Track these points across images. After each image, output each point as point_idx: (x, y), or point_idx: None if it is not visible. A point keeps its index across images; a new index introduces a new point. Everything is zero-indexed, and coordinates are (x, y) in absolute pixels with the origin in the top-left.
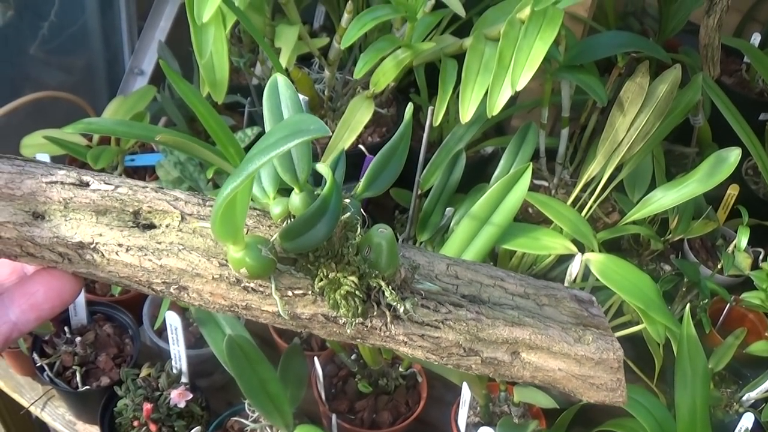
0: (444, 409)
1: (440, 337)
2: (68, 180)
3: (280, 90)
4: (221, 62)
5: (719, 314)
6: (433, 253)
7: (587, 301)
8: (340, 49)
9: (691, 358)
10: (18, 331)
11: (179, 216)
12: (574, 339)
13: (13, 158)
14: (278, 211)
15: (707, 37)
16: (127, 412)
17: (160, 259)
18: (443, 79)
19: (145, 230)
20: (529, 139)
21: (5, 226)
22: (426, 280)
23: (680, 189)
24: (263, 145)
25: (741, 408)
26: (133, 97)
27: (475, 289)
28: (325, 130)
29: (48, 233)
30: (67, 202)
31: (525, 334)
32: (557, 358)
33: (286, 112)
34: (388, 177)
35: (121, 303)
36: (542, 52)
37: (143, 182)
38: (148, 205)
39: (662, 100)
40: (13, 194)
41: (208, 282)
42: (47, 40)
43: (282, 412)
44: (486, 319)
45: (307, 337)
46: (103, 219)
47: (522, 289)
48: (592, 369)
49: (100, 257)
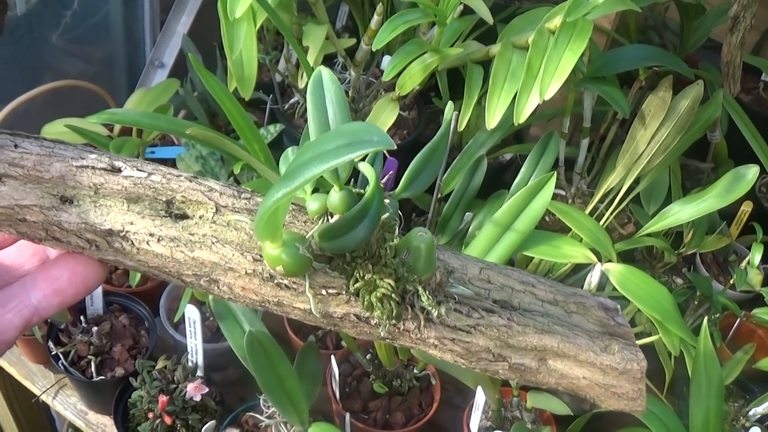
0: (456, 413)
1: (471, 342)
2: (100, 165)
3: (325, 85)
4: (250, 58)
5: (729, 329)
6: (466, 256)
7: (613, 309)
8: (367, 50)
9: (707, 371)
10: (39, 316)
11: (213, 207)
12: (601, 348)
13: (41, 139)
14: (315, 207)
15: (729, 55)
16: (142, 404)
17: (193, 251)
18: (469, 85)
19: (178, 220)
20: (551, 148)
21: (31, 210)
22: (459, 284)
23: (698, 204)
24: (319, 150)
25: (747, 422)
26: (155, 89)
27: (507, 294)
28: (390, 142)
29: (76, 219)
30: (97, 187)
31: (554, 342)
32: (583, 367)
33: (330, 109)
34: (427, 177)
35: (138, 294)
36: (572, 63)
37: (177, 170)
38: (181, 195)
39: (683, 115)
40: (41, 177)
41: (240, 276)
42: (69, 29)
43: (298, 409)
44: (517, 326)
45: (322, 336)
46: (134, 207)
47: (552, 296)
48: (616, 378)
49: (129, 245)
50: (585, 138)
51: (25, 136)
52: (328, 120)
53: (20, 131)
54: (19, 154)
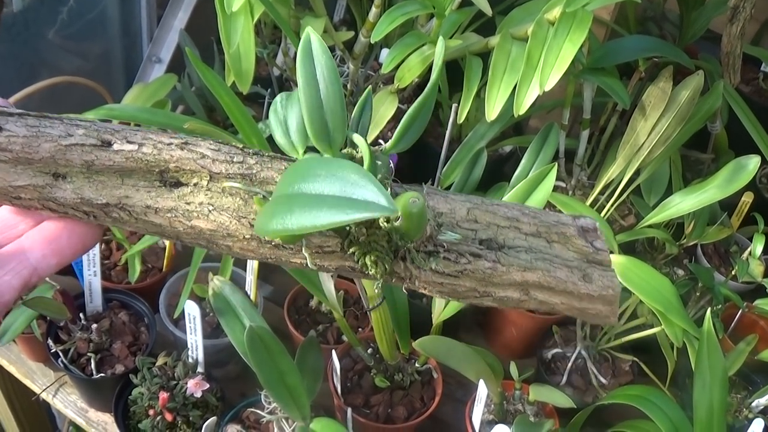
0: (457, 406)
1: (458, 284)
2: (89, 141)
3: (315, 54)
4: (248, 52)
5: (731, 320)
6: (455, 196)
7: (592, 230)
8: (365, 43)
9: (711, 363)
10: (37, 276)
11: (207, 175)
12: (579, 278)
13: (25, 115)
14: None
15: (729, 45)
16: (143, 401)
17: (190, 220)
18: (468, 77)
19: (173, 189)
20: (551, 139)
21: (25, 189)
22: (448, 230)
23: (699, 195)
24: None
25: (750, 414)
26: (153, 84)
27: (492, 232)
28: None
29: (71, 195)
30: (89, 164)
31: (535, 277)
32: (561, 295)
33: (321, 82)
34: (416, 130)
35: (137, 290)
36: (572, 54)
37: (167, 137)
38: (174, 164)
39: (684, 106)
40: (31, 158)
41: (238, 240)
42: (66, 26)
43: (300, 405)
44: (501, 267)
45: (323, 330)
46: (128, 180)
47: (535, 228)
48: (591, 302)
49: (127, 215)
50: (585, 129)
51: (8, 114)
52: (320, 95)
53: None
54: (6, 138)
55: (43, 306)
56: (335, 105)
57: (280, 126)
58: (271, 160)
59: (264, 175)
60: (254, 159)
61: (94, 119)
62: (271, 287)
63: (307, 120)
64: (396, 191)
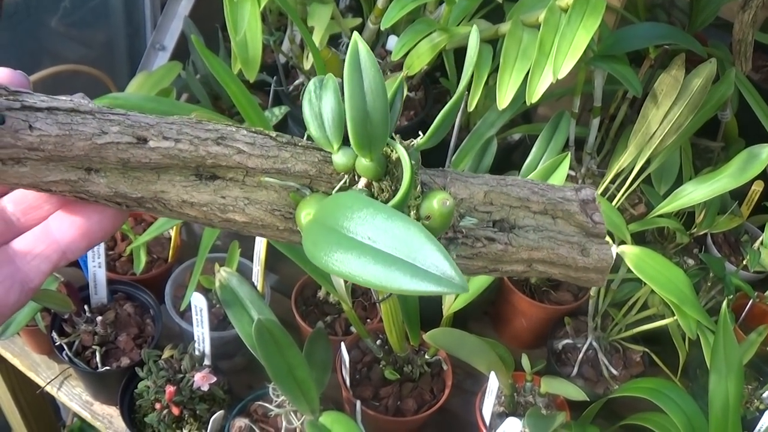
0: (468, 398)
1: (471, 264)
2: (124, 139)
3: (363, 64)
4: (255, 39)
5: (741, 310)
6: (473, 179)
7: (591, 201)
8: (374, 30)
9: (726, 353)
10: (66, 260)
11: (244, 171)
12: (578, 252)
13: (55, 111)
14: (342, 162)
15: (741, 32)
16: (149, 394)
17: (225, 213)
18: (478, 65)
19: (209, 183)
20: (562, 128)
21: (57, 183)
22: (467, 214)
23: (711, 184)
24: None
25: (762, 405)
26: (158, 72)
27: (505, 212)
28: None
29: (105, 189)
30: (125, 162)
31: (540, 254)
32: (560, 267)
33: (369, 94)
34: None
35: (143, 282)
36: (585, 41)
37: (202, 131)
38: (211, 161)
39: (696, 94)
40: (64, 156)
41: (271, 230)
42: (69, 13)
43: (309, 398)
44: (512, 248)
45: (331, 321)
46: (164, 176)
47: (543, 206)
48: (586, 273)
49: (162, 207)
50: (595, 117)
51: (36, 109)
52: (366, 107)
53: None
54: (38, 137)
55: (47, 298)
56: (380, 118)
57: (315, 119)
58: (304, 150)
59: (298, 168)
60: (288, 152)
61: (126, 112)
62: (278, 277)
63: (351, 130)
64: (422, 179)
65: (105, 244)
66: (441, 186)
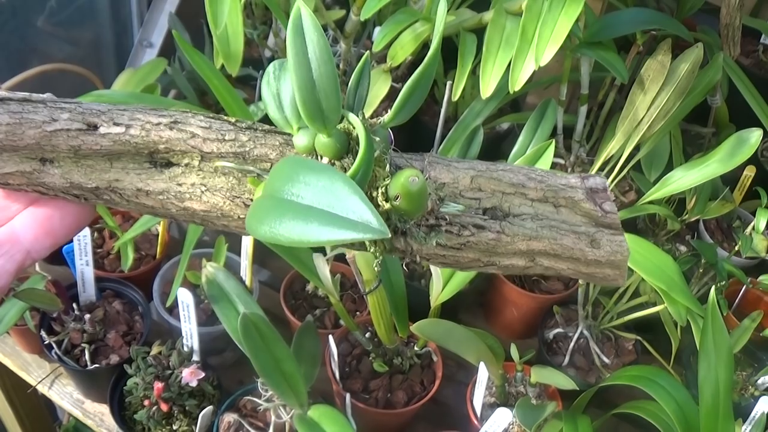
0: (459, 389)
1: (461, 255)
2: (74, 126)
3: (306, 31)
4: (236, 34)
5: (735, 296)
6: (458, 164)
7: (602, 190)
8: (357, 21)
9: (715, 341)
10: (31, 259)
11: (199, 156)
12: (586, 244)
13: (7, 100)
14: (303, 143)
15: (728, 17)
16: (138, 391)
17: (182, 202)
18: (462, 54)
19: (164, 170)
20: (548, 115)
21: (13, 176)
22: (451, 201)
23: (701, 169)
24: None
25: (756, 392)
26: (143, 69)
27: (497, 200)
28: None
29: (60, 180)
30: (76, 149)
31: (541, 245)
32: (568, 261)
33: (314, 61)
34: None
35: (131, 279)
36: (567, 27)
37: (155, 116)
38: (164, 146)
39: (683, 79)
40: (16, 145)
41: (233, 220)
42: (55, 12)
43: (297, 392)
44: (506, 237)
45: (320, 315)
46: (117, 164)
47: (542, 193)
48: (599, 267)
49: (118, 197)
50: (583, 105)
51: None
52: (312, 75)
53: None
54: None
55: (34, 297)
56: (329, 85)
57: (273, 99)
58: (264, 135)
59: (258, 152)
60: (247, 135)
61: (79, 101)
62: (268, 272)
63: (300, 101)
64: (396, 162)
65: (93, 241)
66: (419, 169)
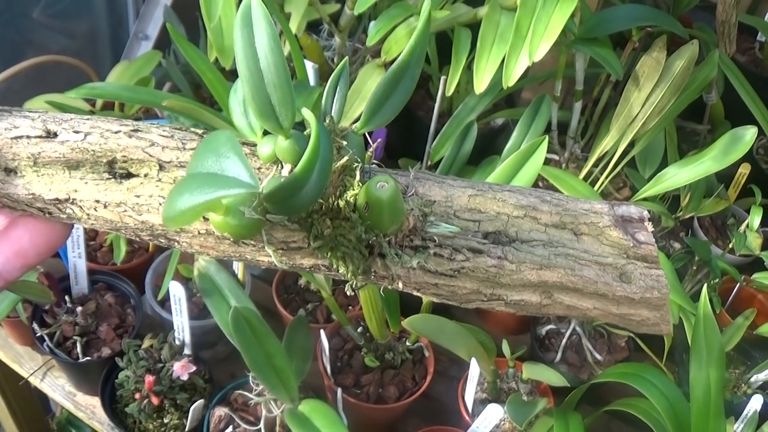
0: (450, 385)
1: (456, 285)
2: (34, 133)
3: (254, 20)
4: (230, 26)
5: (728, 294)
6: (454, 182)
7: (638, 219)
8: (351, 15)
9: (707, 339)
10: (3, 280)
11: (157, 165)
12: (613, 278)
13: None
14: (267, 152)
15: (724, 14)
16: (129, 384)
17: (141, 215)
18: (456, 49)
19: (123, 180)
20: (543, 111)
21: None
22: (442, 221)
23: (695, 166)
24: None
25: (749, 390)
26: (137, 62)
27: (501, 223)
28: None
29: (22, 190)
30: (36, 157)
31: (555, 276)
32: (592, 299)
33: (261, 51)
34: (393, 106)
35: (123, 272)
36: (561, 23)
37: (116, 125)
38: (122, 154)
39: (678, 76)
40: None
41: (195, 236)
42: (51, 4)
43: (288, 386)
44: (509, 264)
45: (312, 309)
46: (76, 173)
47: (558, 218)
48: (632, 307)
49: (79, 211)
50: (578, 101)
51: None
52: (260, 66)
53: None
54: None
55: (26, 289)
56: (278, 77)
57: (239, 105)
58: None
59: None
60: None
61: (46, 110)
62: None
63: (249, 96)
64: (374, 176)
65: (85, 233)
66: (404, 185)
